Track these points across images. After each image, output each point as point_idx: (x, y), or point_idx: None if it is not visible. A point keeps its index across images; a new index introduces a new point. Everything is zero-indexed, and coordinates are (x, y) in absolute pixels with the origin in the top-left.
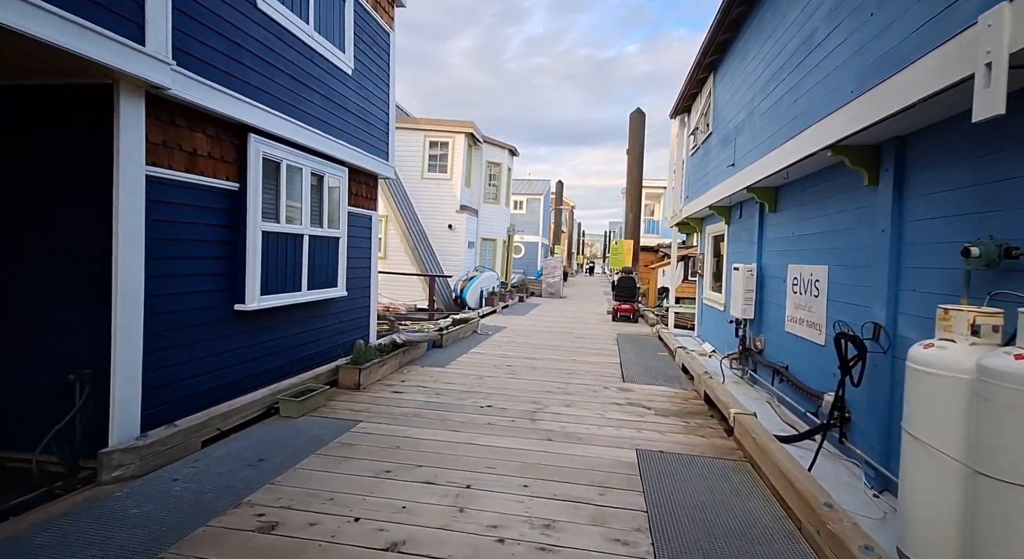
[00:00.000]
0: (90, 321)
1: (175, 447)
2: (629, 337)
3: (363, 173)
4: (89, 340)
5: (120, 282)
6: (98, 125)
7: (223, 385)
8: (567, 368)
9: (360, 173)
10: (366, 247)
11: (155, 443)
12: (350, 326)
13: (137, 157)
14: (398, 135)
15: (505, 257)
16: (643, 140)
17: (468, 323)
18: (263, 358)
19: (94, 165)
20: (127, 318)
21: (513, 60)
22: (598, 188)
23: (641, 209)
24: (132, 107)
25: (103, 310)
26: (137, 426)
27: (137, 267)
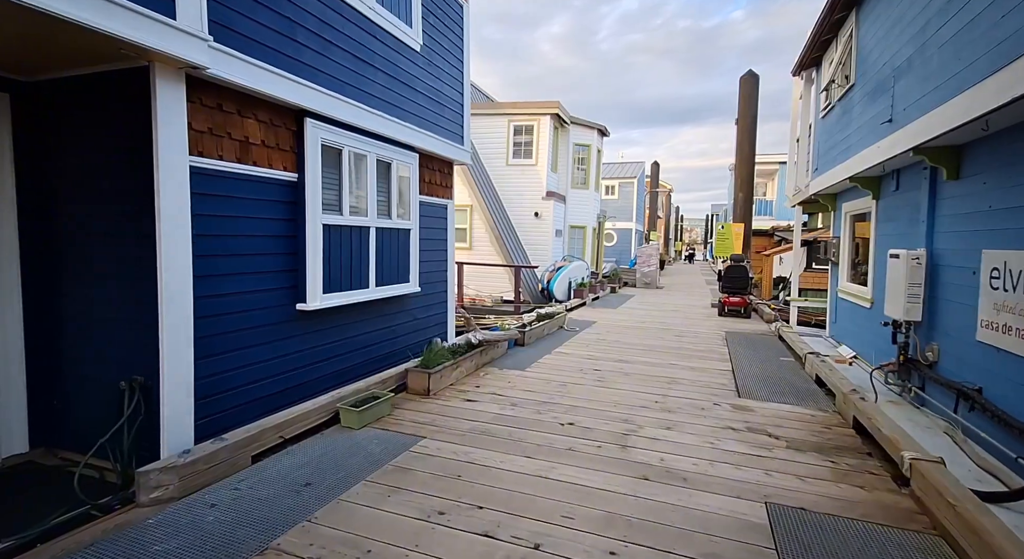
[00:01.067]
0: (139, 325)
1: (221, 464)
2: (741, 336)
3: (436, 159)
4: (140, 346)
5: (165, 283)
6: (137, 114)
7: (284, 391)
8: (666, 375)
9: (432, 159)
10: (441, 238)
11: (198, 461)
12: (426, 323)
13: (179, 147)
14: (481, 121)
15: (595, 245)
16: (756, 108)
17: (554, 318)
18: (327, 361)
19: (135, 157)
20: (174, 321)
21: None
22: (698, 169)
23: (753, 187)
24: (170, 91)
25: (150, 314)
26: (190, 436)
27: (183, 266)
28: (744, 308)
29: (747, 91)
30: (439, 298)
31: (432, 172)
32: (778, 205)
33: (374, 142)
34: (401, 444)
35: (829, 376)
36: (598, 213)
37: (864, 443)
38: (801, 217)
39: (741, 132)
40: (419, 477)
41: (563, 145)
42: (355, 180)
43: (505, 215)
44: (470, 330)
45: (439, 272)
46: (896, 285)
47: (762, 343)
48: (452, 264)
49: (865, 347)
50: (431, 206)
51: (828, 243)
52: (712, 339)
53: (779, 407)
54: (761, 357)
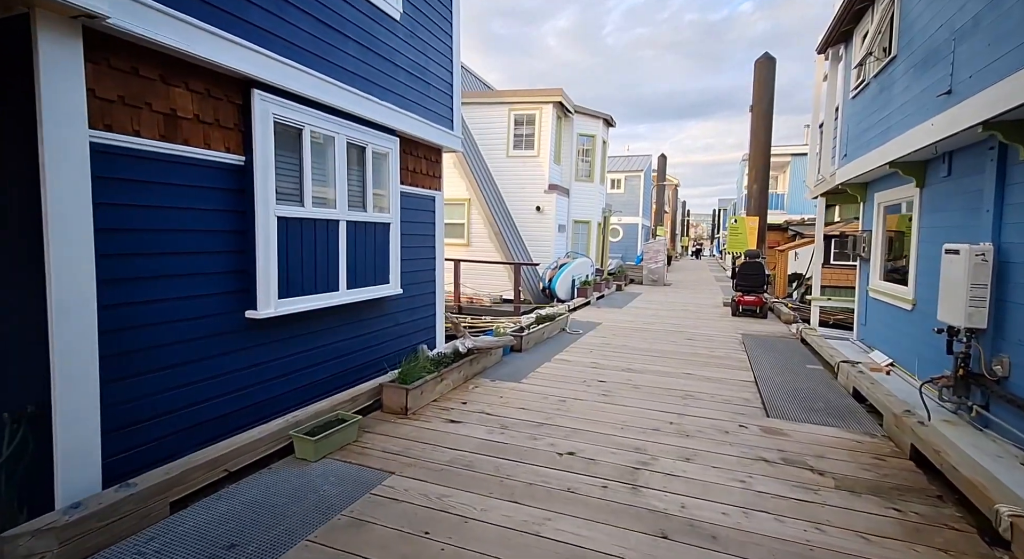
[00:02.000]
0: (30, 342)
1: (125, 518)
2: (760, 340)
3: (421, 145)
4: (32, 367)
5: (55, 289)
6: (18, 76)
7: (227, 416)
8: (681, 388)
9: (417, 145)
10: (429, 234)
11: (90, 517)
12: (410, 329)
13: (74, 118)
14: (479, 110)
15: (600, 241)
16: (772, 93)
17: (554, 320)
18: (286, 377)
19: (17, 131)
20: (71, 336)
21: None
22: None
23: (768, 178)
24: (59, 46)
25: (41, 329)
26: (97, 478)
27: (81, 269)
28: (760, 307)
29: (763, 75)
30: (426, 300)
31: (417, 159)
32: (790, 198)
33: (344, 122)
34: (363, 483)
35: (872, 391)
36: (603, 207)
37: (930, 480)
38: (823, 209)
39: (756, 119)
40: (376, 535)
41: (566, 136)
42: (320, 166)
43: (505, 209)
44: (459, 336)
45: (426, 272)
46: (954, 286)
47: (784, 347)
48: (441, 263)
49: (904, 354)
50: (416, 198)
51: (857, 237)
52: (728, 343)
53: (817, 430)
54: (785, 364)
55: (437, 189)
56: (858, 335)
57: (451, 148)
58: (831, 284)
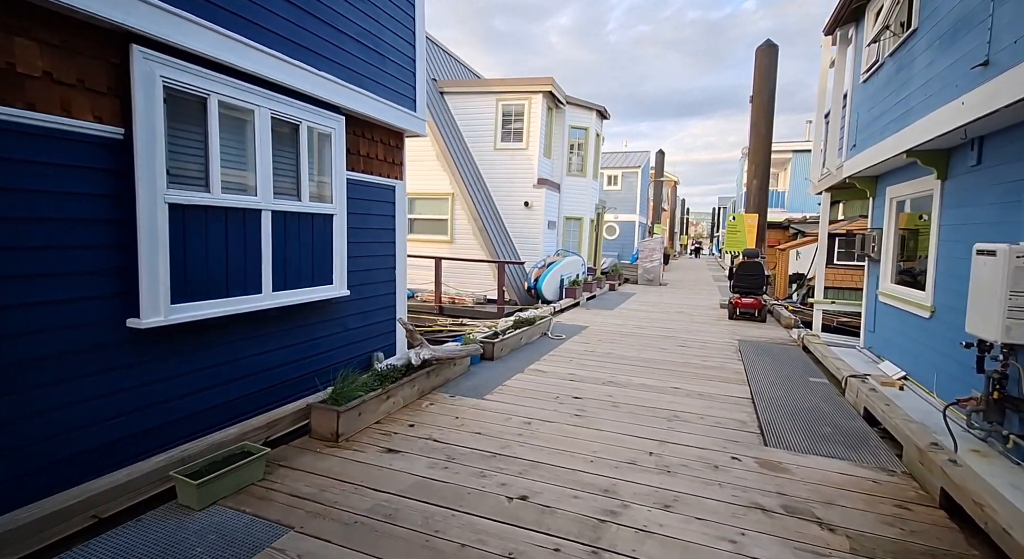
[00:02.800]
0: None
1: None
2: (758, 347)
3: (377, 127)
4: None
5: None
6: None
7: (96, 450)
8: (667, 406)
9: (372, 127)
10: (387, 228)
11: None
12: (362, 335)
13: None
14: (465, 100)
15: (593, 239)
16: (774, 83)
17: (535, 324)
18: (182, 399)
19: None
20: None
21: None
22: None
23: (769, 173)
24: None
25: None
26: None
27: None
28: (759, 310)
29: (764, 64)
30: (383, 302)
31: (372, 143)
32: (791, 196)
33: (270, 94)
34: (249, 543)
35: (888, 415)
36: (596, 203)
37: (968, 537)
38: (828, 205)
39: (757, 110)
40: None
41: (558, 128)
42: (236, 145)
43: (492, 205)
44: (415, 345)
45: (383, 271)
46: (987, 292)
47: (784, 356)
48: (403, 260)
49: (920, 367)
50: (370, 187)
51: (866, 236)
52: (723, 350)
53: (824, 464)
54: (786, 377)
55: (398, 178)
56: (865, 342)
57: (414, 132)
58: (834, 285)
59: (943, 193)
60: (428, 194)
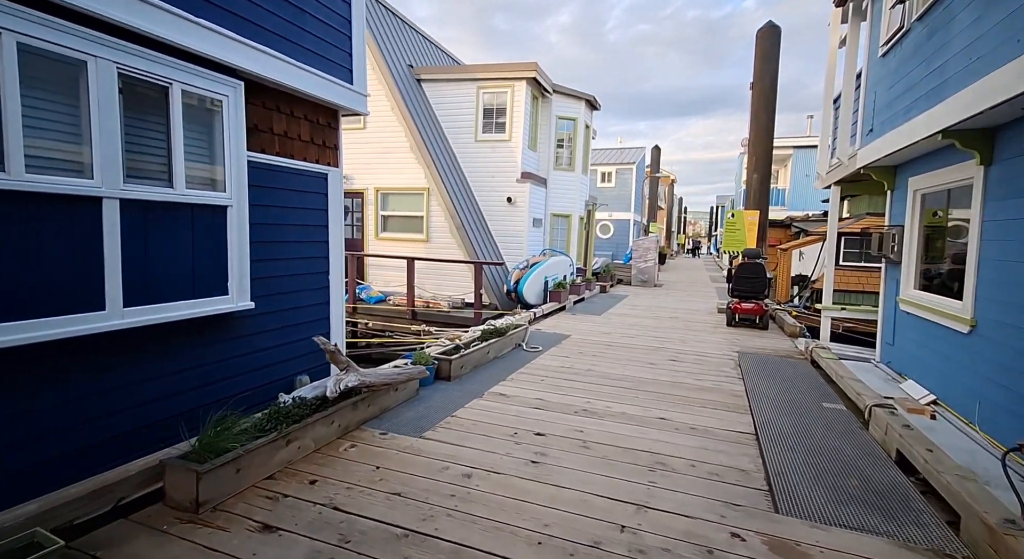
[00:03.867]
0: None
1: None
2: (760, 361)
3: (300, 101)
4: None
5: None
6: None
7: None
8: (649, 448)
9: (292, 100)
10: (317, 225)
11: None
12: (276, 357)
13: None
14: (444, 89)
15: (583, 237)
16: (776, 68)
17: (507, 335)
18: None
19: None
20: None
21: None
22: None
23: (771, 167)
24: None
25: None
26: None
27: None
28: (760, 317)
29: (765, 47)
30: (310, 315)
31: (291, 120)
32: (792, 194)
33: (113, 41)
34: None
35: (935, 470)
36: (586, 200)
37: None
38: (838, 200)
39: (757, 98)
40: None
41: (544, 118)
42: (57, 107)
43: (471, 200)
44: (339, 369)
45: (309, 277)
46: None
47: (790, 373)
48: (339, 263)
49: (956, 391)
50: (289, 174)
51: (884, 234)
52: (721, 366)
53: (856, 543)
54: (795, 402)
55: (332, 164)
56: (882, 356)
57: (351, 110)
58: (841, 288)
59: (987, 182)
60: (402, 189)
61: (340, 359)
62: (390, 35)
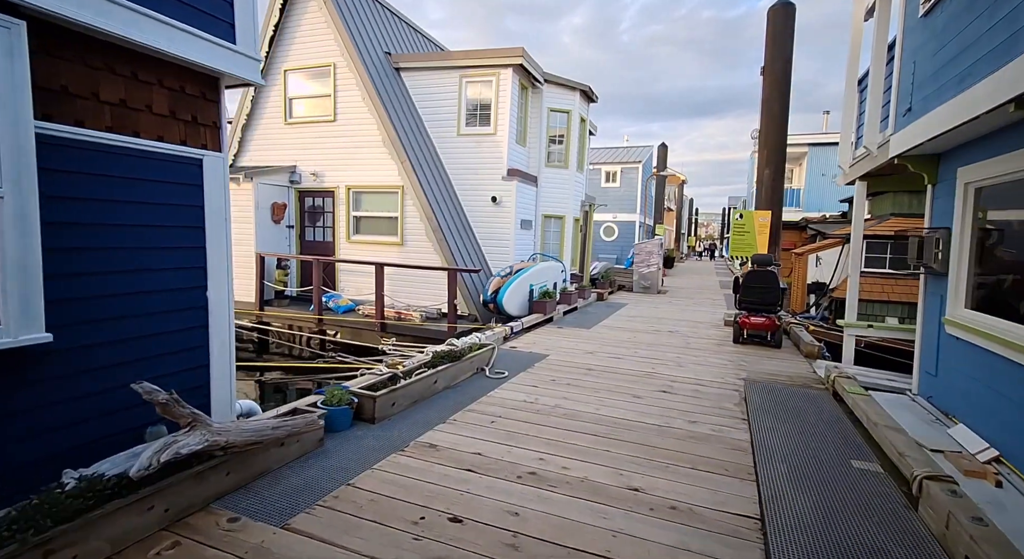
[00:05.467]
0: None
1: None
2: (772, 394)
3: (149, 60)
4: None
5: None
6: None
7: None
8: (605, 550)
9: (136, 58)
10: (184, 225)
11: None
12: (107, 406)
13: None
14: (425, 77)
15: (578, 241)
16: (790, 51)
17: (465, 359)
18: None
19: None
20: None
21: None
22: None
23: (784, 161)
24: None
25: None
26: None
27: None
28: (772, 333)
29: (778, 27)
30: (169, 346)
31: (135, 86)
32: (807, 194)
33: None
34: None
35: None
36: (583, 200)
37: None
38: (863, 197)
39: (769, 84)
40: None
41: (534, 110)
42: None
43: (452, 200)
44: (184, 424)
45: (169, 295)
46: None
47: (809, 410)
48: (224, 276)
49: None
50: (132, 158)
51: (924, 239)
52: (722, 399)
53: None
54: (814, 457)
55: (211, 148)
56: (921, 388)
57: (239, 78)
58: (864, 297)
59: None
60: (374, 186)
61: (178, 412)
62: (364, 19)
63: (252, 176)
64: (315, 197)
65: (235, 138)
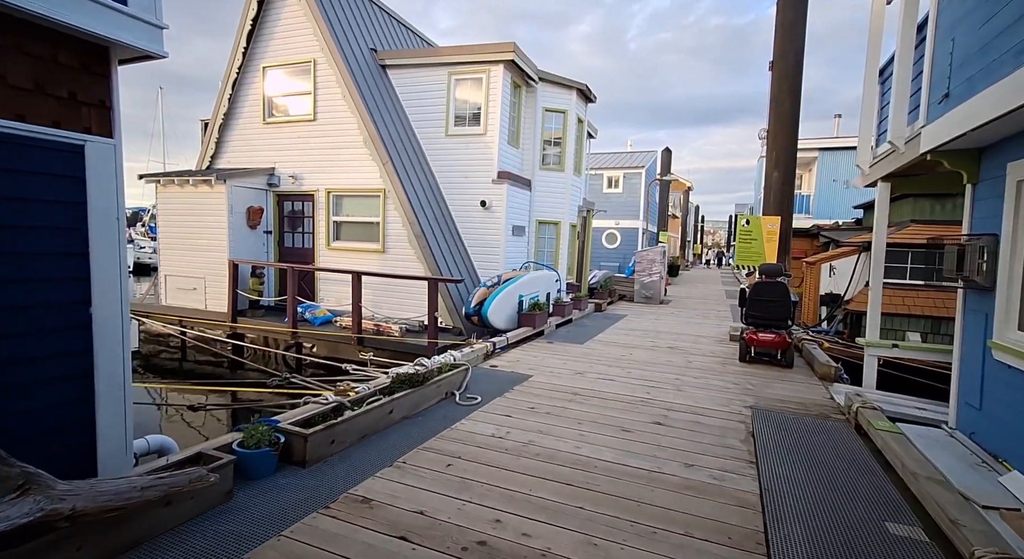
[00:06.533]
0: None
1: None
2: (783, 427)
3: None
4: None
5: None
6: None
7: None
8: None
9: None
10: (55, 227)
11: None
12: None
13: None
14: (412, 75)
15: (576, 248)
16: (802, 44)
17: (429, 384)
18: None
19: None
20: None
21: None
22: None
23: (795, 162)
24: None
25: None
26: None
27: None
28: (783, 352)
29: (789, 17)
30: (37, 373)
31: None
32: (818, 200)
33: None
34: None
35: None
36: (580, 205)
37: None
38: (887, 200)
39: (778, 80)
40: None
41: (528, 110)
42: None
43: (438, 205)
44: (16, 492)
45: (34, 312)
46: None
47: (827, 450)
48: (114, 287)
49: None
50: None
51: (964, 248)
52: (725, 435)
53: None
54: (840, 513)
55: (97, 132)
56: (961, 422)
57: (134, 48)
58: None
59: None
60: (355, 190)
61: (6, 472)
62: (348, 14)
63: (225, 178)
64: (294, 201)
65: (212, 139)
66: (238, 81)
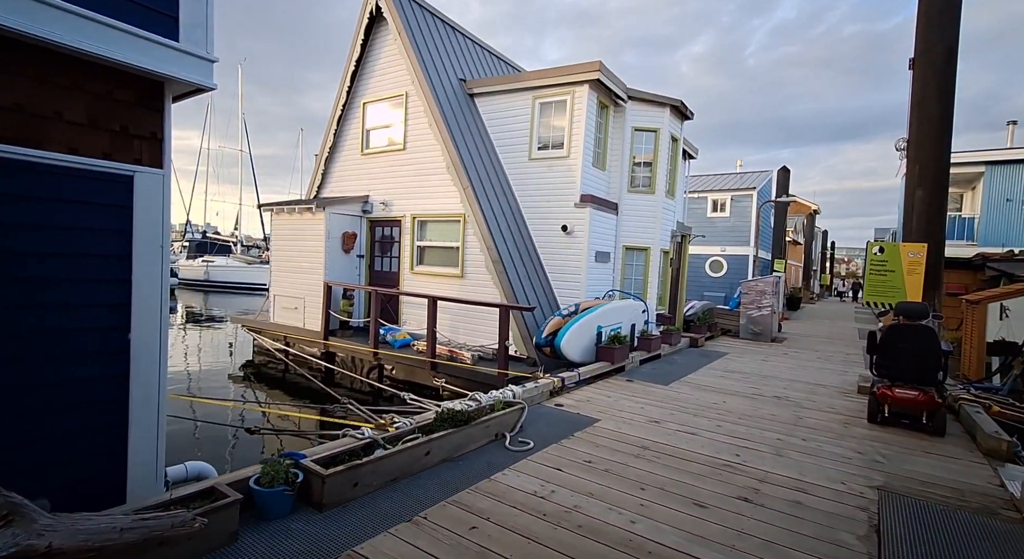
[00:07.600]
0: None
1: None
2: (921, 521)
3: (59, 57)
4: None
5: None
6: None
7: None
8: None
9: (38, 55)
10: (100, 254)
11: None
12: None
13: None
14: (497, 102)
15: (668, 276)
16: (955, 35)
17: (476, 423)
18: None
19: None
20: None
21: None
22: (862, 191)
23: (947, 179)
24: None
25: None
26: None
27: None
28: (932, 415)
29: (935, 4)
30: (71, 397)
31: (41, 87)
32: (984, 224)
33: None
34: None
35: None
36: (674, 229)
37: None
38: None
39: (922, 80)
40: None
41: (616, 130)
42: None
43: (519, 230)
44: (3, 518)
45: (73, 336)
46: None
47: (992, 558)
48: (153, 313)
49: None
50: (28, 172)
51: None
52: (837, 526)
53: None
54: None
55: (147, 163)
56: None
57: (186, 82)
58: None
59: None
60: (436, 215)
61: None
62: (438, 47)
63: (324, 206)
64: (384, 226)
65: (319, 170)
66: (342, 117)
